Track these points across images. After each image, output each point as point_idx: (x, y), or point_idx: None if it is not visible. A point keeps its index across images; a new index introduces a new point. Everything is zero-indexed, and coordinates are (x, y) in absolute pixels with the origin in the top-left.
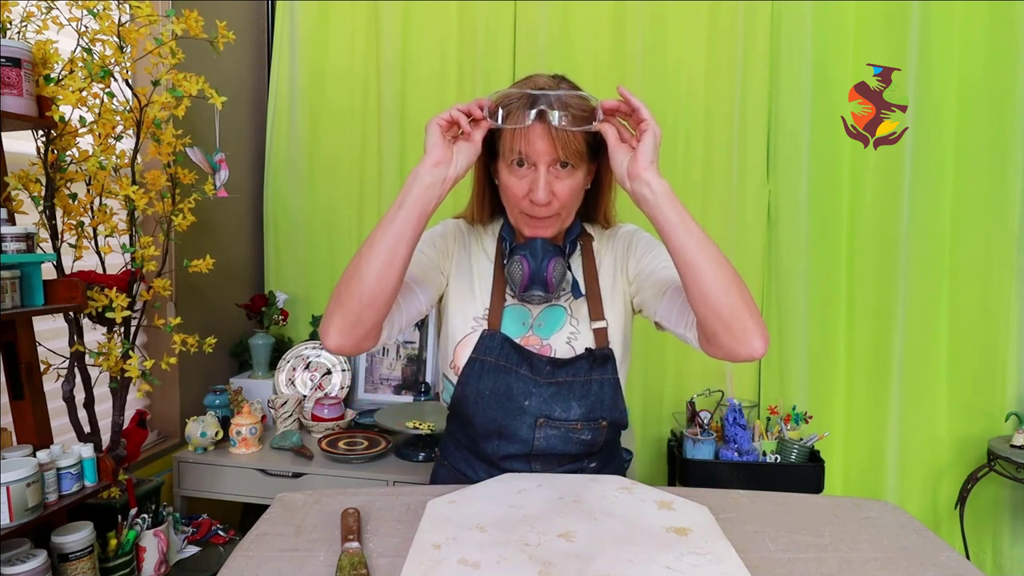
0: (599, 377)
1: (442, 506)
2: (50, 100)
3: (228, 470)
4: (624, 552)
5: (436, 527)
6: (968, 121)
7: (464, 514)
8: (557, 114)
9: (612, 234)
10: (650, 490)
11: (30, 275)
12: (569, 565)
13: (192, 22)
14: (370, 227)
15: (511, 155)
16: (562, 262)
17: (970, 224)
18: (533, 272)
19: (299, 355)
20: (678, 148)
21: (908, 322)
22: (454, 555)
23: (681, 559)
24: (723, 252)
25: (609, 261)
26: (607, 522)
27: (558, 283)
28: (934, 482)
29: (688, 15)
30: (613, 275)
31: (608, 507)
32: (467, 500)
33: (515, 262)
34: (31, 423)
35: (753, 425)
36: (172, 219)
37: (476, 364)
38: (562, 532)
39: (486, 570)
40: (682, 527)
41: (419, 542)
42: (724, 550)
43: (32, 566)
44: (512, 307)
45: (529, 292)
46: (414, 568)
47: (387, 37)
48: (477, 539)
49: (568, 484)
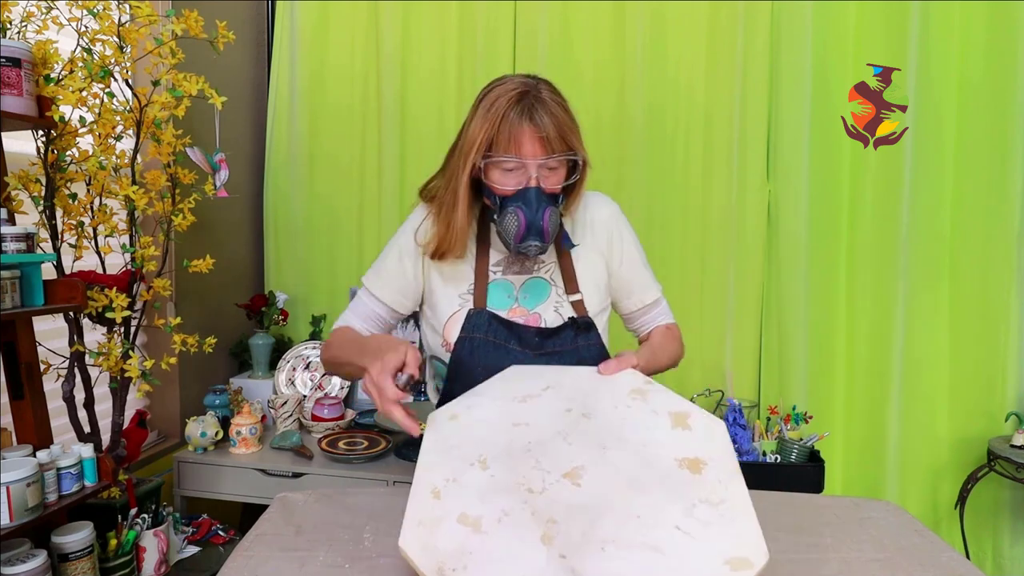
0: (585, 343)
1: (444, 423)
2: (50, 100)
3: (228, 470)
4: (632, 504)
5: (437, 459)
6: (968, 121)
7: (466, 439)
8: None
9: (582, 206)
10: (664, 396)
11: (30, 275)
12: (574, 526)
13: (192, 22)
14: (370, 227)
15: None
16: (556, 211)
17: (970, 224)
18: (529, 222)
19: (299, 355)
20: (678, 148)
21: (908, 322)
22: (454, 509)
23: (692, 513)
24: (671, 342)
25: (584, 236)
26: (616, 453)
27: (553, 232)
28: (934, 482)
29: (688, 15)
30: (588, 253)
31: (618, 427)
32: (469, 415)
33: (509, 214)
34: (31, 423)
35: (753, 425)
36: (172, 219)
37: (466, 343)
38: (568, 470)
39: (487, 532)
40: (696, 458)
41: (419, 484)
42: (738, 495)
43: (32, 566)
44: (496, 282)
45: (526, 243)
46: (414, 530)
47: (387, 37)
48: (478, 482)
49: (577, 387)
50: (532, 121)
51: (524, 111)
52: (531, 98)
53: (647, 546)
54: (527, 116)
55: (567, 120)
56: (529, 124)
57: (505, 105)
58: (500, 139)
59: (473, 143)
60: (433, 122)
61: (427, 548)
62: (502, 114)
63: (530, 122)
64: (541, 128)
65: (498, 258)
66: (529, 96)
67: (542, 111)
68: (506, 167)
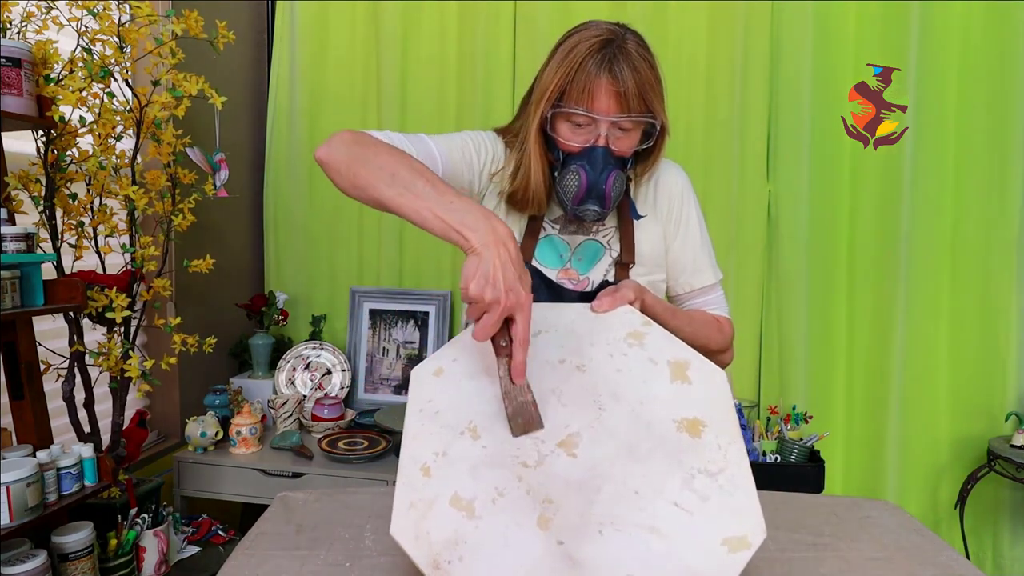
0: None
1: (428, 381)
2: (50, 100)
3: (228, 470)
4: (630, 476)
5: (424, 428)
6: (968, 121)
7: (453, 401)
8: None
9: (653, 173)
10: (663, 340)
11: (30, 275)
12: (571, 506)
13: (192, 22)
14: (370, 227)
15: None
16: (622, 176)
17: (970, 224)
18: (591, 184)
19: (299, 355)
20: (678, 148)
21: (908, 322)
22: (446, 489)
23: (691, 485)
24: (707, 326)
25: (649, 206)
26: (613, 415)
27: (616, 199)
28: (934, 482)
29: (688, 15)
30: (650, 223)
31: (614, 382)
32: (455, 369)
33: (570, 172)
34: (31, 423)
35: (753, 425)
36: (172, 219)
37: None
38: (563, 438)
39: (481, 516)
40: (695, 419)
41: (407, 459)
42: (736, 462)
43: (32, 566)
44: (550, 238)
45: (584, 207)
46: (405, 515)
47: (387, 37)
48: (469, 455)
49: (571, 331)
50: (611, 73)
51: (604, 61)
52: (614, 48)
53: (644, 527)
54: (606, 67)
55: (651, 78)
56: (607, 76)
57: (585, 52)
58: (573, 89)
59: (545, 91)
60: (433, 124)
61: (420, 537)
62: (580, 62)
63: (608, 74)
64: (620, 82)
65: (558, 214)
66: (612, 45)
67: (624, 63)
68: (576, 120)
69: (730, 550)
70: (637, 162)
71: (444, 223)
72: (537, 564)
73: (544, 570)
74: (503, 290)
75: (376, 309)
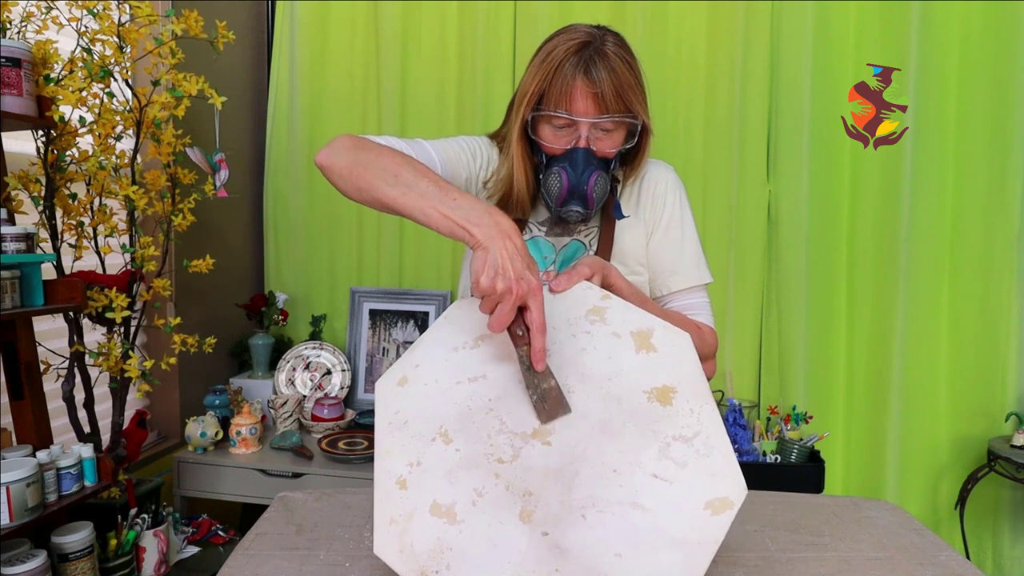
0: None
1: (393, 393)
2: (50, 100)
3: (228, 470)
4: (606, 455)
5: (395, 441)
6: (968, 121)
7: (420, 409)
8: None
9: (640, 172)
10: (624, 311)
11: (30, 275)
12: (551, 494)
13: (192, 22)
14: (370, 227)
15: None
16: (604, 177)
17: (970, 224)
18: (572, 185)
19: (299, 355)
20: (678, 147)
21: (908, 322)
22: (424, 499)
23: (667, 453)
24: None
25: (635, 205)
26: (581, 397)
27: (599, 199)
28: (934, 482)
29: (688, 15)
30: (634, 222)
31: (580, 361)
32: (418, 376)
33: (553, 174)
34: (31, 423)
35: (753, 425)
36: (172, 219)
37: None
38: (536, 427)
39: (463, 520)
40: (664, 386)
41: (381, 474)
42: (710, 423)
43: (32, 566)
44: (536, 239)
45: (567, 208)
46: (386, 531)
47: (387, 37)
48: (444, 460)
49: None
50: (588, 75)
51: (580, 63)
52: (592, 50)
53: (626, 503)
54: (583, 70)
55: (629, 78)
56: (584, 78)
57: (562, 55)
58: (552, 92)
59: (525, 94)
60: (433, 126)
61: (404, 551)
62: (557, 65)
63: (585, 76)
64: (596, 84)
65: (545, 216)
66: (590, 48)
67: (601, 65)
68: (556, 123)
69: (713, 512)
70: (623, 163)
71: (449, 220)
72: (524, 559)
73: (532, 563)
74: (514, 279)
75: (376, 309)
